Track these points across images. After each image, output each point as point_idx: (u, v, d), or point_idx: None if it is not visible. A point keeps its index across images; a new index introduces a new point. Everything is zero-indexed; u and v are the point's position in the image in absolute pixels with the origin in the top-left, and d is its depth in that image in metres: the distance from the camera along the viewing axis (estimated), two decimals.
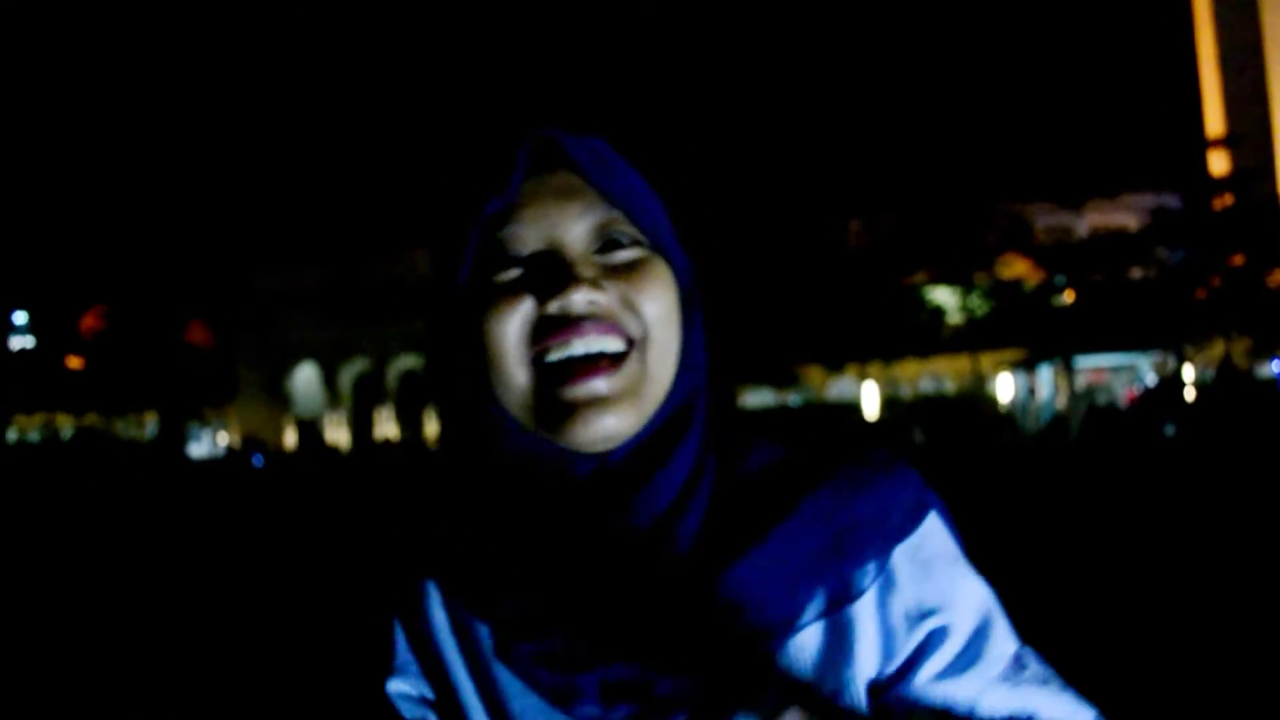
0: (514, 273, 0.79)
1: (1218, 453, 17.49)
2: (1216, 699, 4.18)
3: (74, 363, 47.16)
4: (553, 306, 0.76)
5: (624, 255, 0.80)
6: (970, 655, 0.78)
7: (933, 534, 0.81)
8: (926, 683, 0.78)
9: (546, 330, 0.77)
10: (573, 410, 0.76)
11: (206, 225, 60.71)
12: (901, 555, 0.79)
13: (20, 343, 49.79)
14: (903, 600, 0.79)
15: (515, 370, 0.78)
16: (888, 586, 0.79)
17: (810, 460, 0.83)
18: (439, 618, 0.85)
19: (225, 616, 6.88)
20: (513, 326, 0.78)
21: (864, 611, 0.78)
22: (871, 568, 0.78)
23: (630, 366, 0.78)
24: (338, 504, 16.34)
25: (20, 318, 50.30)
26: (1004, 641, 0.79)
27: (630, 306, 0.79)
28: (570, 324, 0.76)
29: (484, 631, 0.82)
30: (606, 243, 0.81)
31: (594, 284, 0.77)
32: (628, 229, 0.81)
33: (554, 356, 0.77)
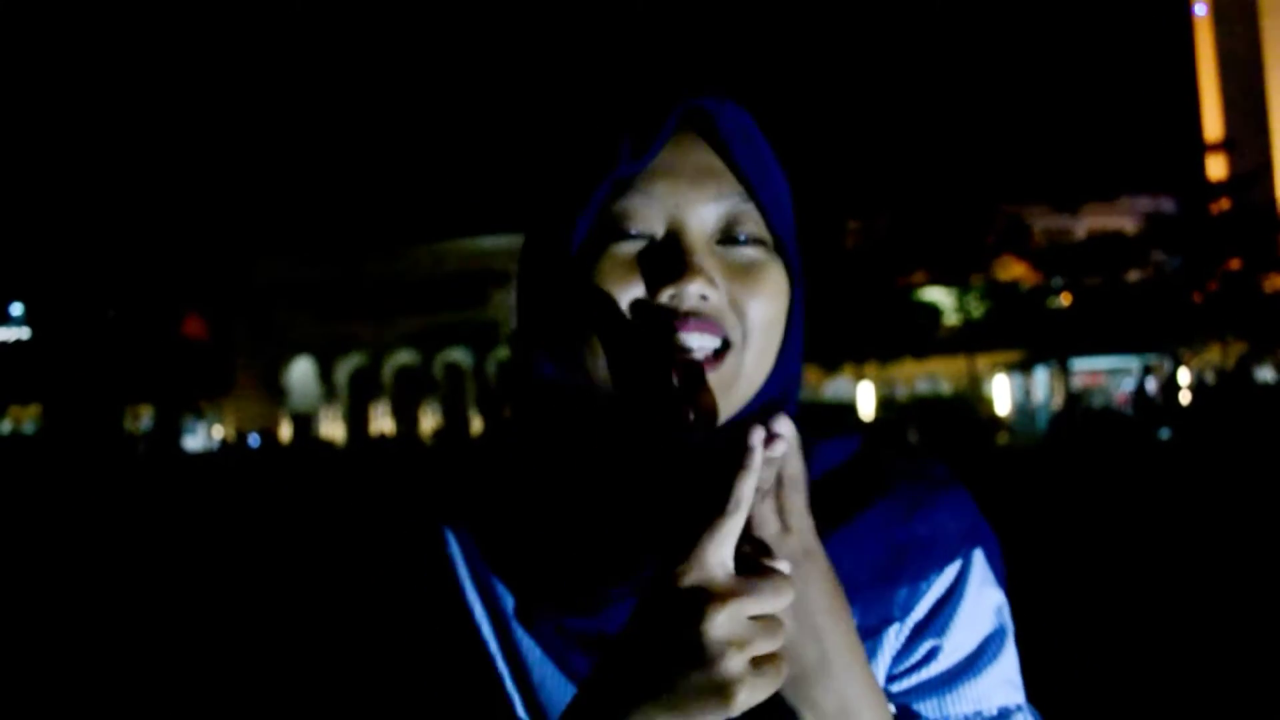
0: (631, 247, 0.76)
1: (1216, 456, 17.52)
2: (1210, 701, 4.19)
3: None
4: (665, 294, 0.73)
5: (745, 254, 0.77)
6: (948, 684, 0.78)
7: (971, 566, 0.80)
8: (899, 693, 0.78)
9: (654, 317, 0.74)
10: (671, 390, 0.73)
11: (204, 218, 60.66)
12: (937, 579, 0.79)
13: (16, 334, 49.72)
14: (918, 615, 0.79)
15: (615, 349, 0.75)
16: (914, 603, 0.79)
17: (873, 468, 0.83)
18: (464, 574, 0.83)
19: (242, 601, 6.88)
20: (621, 306, 0.74)
21: (892, 628, 0.79)
22: (907, 591, 0.79)
23: (727, 366, 0.75)
24: (333, 493, 16.33)
25: (17, 309, 50.24)
26: (992, 687, 0.78)
27: (738, 308, 0.76)
28: (678, 317, 0.73)
29: (508, 597, 0.81)
30: (734, 236, 0.77)
31: (709, 280, 0.74)
32: (754, 225, 0.78)
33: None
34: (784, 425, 0.68)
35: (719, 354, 0.75)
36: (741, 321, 0.75)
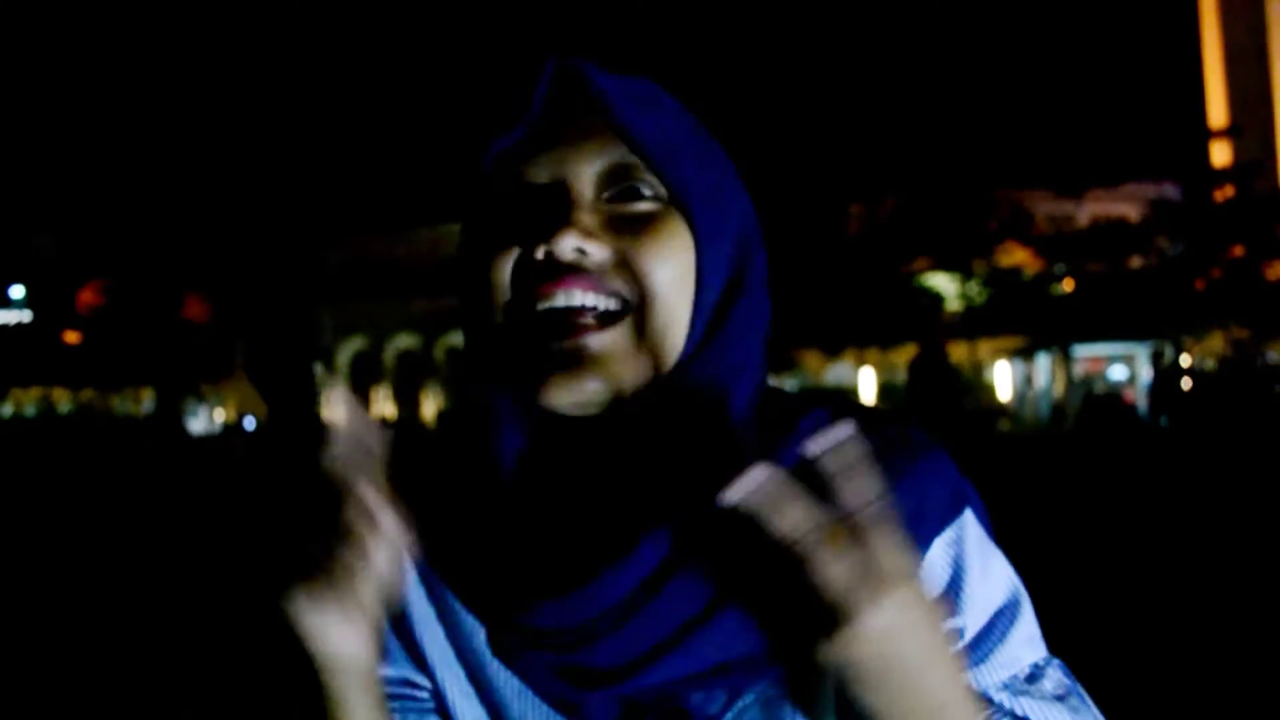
0: (511, 210, 0.73)
1: (1217, 443, 17.50)
2: (1213, 694, 4.18)
3: (71, 338, 47.07)
4: (539, 252, 0.69)
5: (638, 207, 0.72)
6: (980, 657, 0.74)
7: (966, 530, 0.76)
8: None
9: (532, 278, 0.70)
10: (553, 368, 0.69)
11: (205, 201, 60.59)
12: (934, 551, 0.74)
13: (17, 317, 49.70)
14: None
15: (501, 320, 0.72)
16: None
17: None
18: (419, 601, 0.78)
19: (219, 599, 6.88)
20: (499, 273, 0.72)
21: None
22: None
23: (621, 329, 0.70)
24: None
25: (17, 292, 50.20)
26: (1019, 647, 0.75)
27: (627, 265, 0.70)
28: (554, 275, 0.69)
29: (475, 624, 0.75)
30: (623, 190, 0.73)
31: (586, 232, 0.69)
32: (650, 178, 0.73)
33: (539, 307, 0.70)
34: (844, 429, 0.59)
35: (616, 316, 0.70)
36: (637, 282, 0.70)
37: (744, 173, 0.82)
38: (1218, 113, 69.83)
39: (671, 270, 0.71)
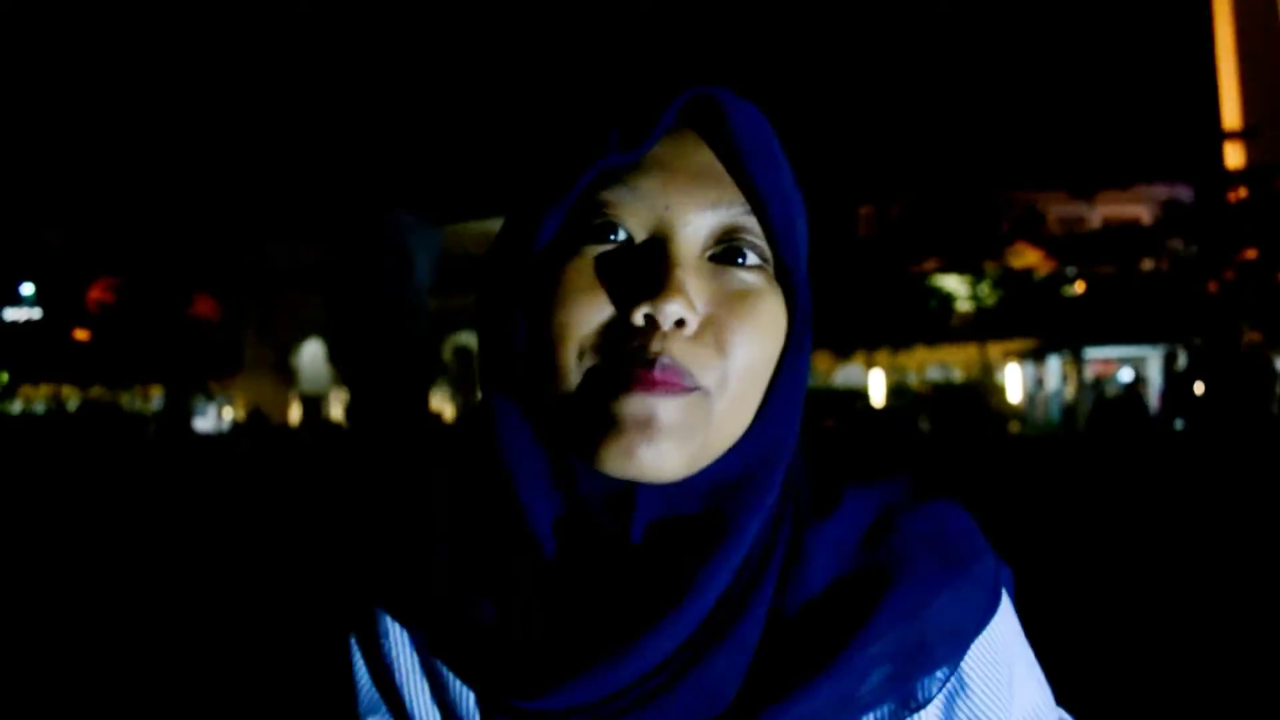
0: (604, 250, 0.64)
1: (1229, 445, 17.34)
2: (1222, 696, 4.07)
3: (81, 335, 47.20)
4: (637, 315, 0.61)
5: (741, 278, 0.65)
6: None
7: (1003, 625, 0.71)
8: None
9: (619, 340, 0.62)
10: (617, 428, 0.61)
11: (215, 199, 60.72)
12: (974, 654, 0.69)
13: (27, 314, 49.84)
14: (969, 707, 0.69)
15: (570, 370, 0.63)
16: (958, 689, 0.69)
17: (885, 540, 0.69)
18: (405, 656, 0.72)
19: (203, 617, 6.79)
20: (584, 322, 0.63)
21: (928, 715, 0.68)
22: (942, 674, 0.68)
23: (695, 403, 0.62)
24: (330, 489, 16.27)
25: (27, 289, 50.35)
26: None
27: (720, 343, 0.63)
28: (644, 353, 0.61)
29: (464, 687, 0.69)
30: (728, 250, 0.65)
31: (689, 302, 0.61)
32: (757, 243, 0.66)
33: (618, 367, 0.62)
34: None
35: (692, 388, 0.63)
36: (721, 361, 0.63)
37: None
38: (1232, 114, 69.48)
39: (762, 354, 0.65)
